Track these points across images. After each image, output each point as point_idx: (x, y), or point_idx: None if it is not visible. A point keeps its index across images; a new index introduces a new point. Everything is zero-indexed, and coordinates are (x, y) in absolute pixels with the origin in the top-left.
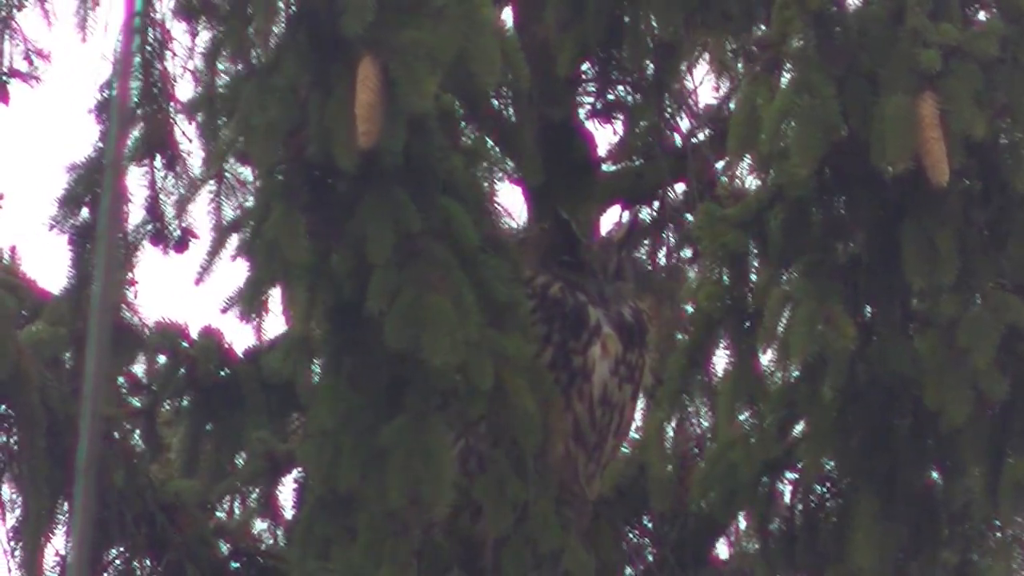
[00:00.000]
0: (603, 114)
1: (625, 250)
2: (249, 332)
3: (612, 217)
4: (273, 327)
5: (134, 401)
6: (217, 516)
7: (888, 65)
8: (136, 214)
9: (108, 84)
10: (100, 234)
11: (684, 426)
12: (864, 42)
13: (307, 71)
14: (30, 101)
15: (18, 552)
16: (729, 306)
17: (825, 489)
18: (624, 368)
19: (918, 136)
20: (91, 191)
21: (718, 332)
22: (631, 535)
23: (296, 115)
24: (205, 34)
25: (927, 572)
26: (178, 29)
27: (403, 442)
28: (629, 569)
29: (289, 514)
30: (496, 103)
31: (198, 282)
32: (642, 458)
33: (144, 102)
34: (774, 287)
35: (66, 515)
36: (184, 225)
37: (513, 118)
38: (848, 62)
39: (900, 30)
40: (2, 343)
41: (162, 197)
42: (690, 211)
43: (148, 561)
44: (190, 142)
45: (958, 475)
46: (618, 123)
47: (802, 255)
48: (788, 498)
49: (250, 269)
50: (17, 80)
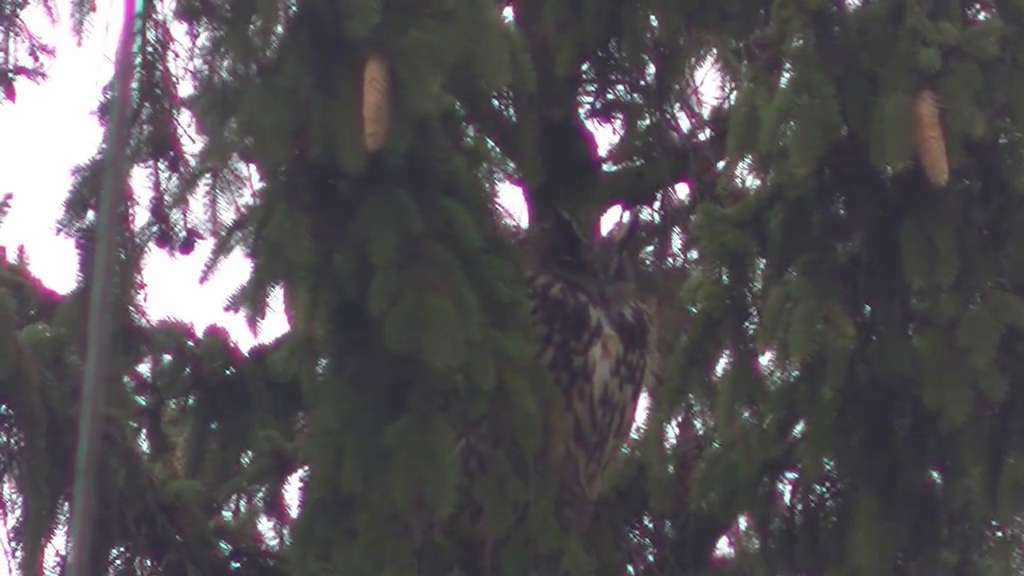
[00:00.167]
0: (602, 113)
1: (626, 250)
2: (249, 330)
3: (613, 217)
4: (273, 327)
5: (140, 400)
6: (223, 515)
7: (887, 64)
8: (141, 216)
9: (110, 85)
10: (100, 235)
11: (689, 426)
12: (863, 41)
13: (310, 72)
14: (37, 97)
15: (18, 552)
16: (728, 306)
17: (825, 489)
18: (625, 368)
19: (917, 135)
20: (96, 194)
21: (718, 332)
22: (632, 535)
23: (299, 116)
24: (207, 35)
25: (926, 572)
26: (179, 30)
27: (407, 443)
28: (630, 569)
29: (295, 513)
30: (496, 103)
31: (203, 281)
32: (642, 458)
33: (146, 103)
34: (773, 287)
35: (66, 515)
36: (189, 226)
37: (514, 118)
38: (847, 61)
39: (899, 29)
40: (2, 343)
41: (166, 199)
42: (694, 212)
43: (148, 561)
44: (193, 143)
45: (958, 475)
46: (618, 122)
47: (801, 255)
48: (788, 498)
49: (253, 269)
50: (23, 77)
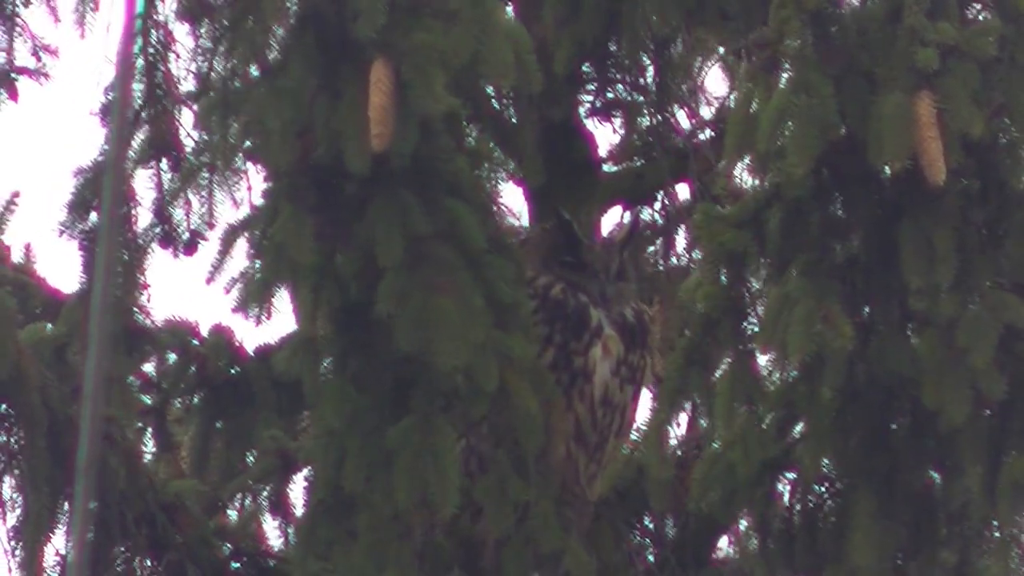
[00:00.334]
0: (602, 112)
1: (627, 251)
2: (255, 329)
3: (613, 218)
4: (273, 327)
5: (145, 399)
6: (228, 515)
7: (886, 64)
8: (144, 217)
9: (111, 86)
10: (100, 235)
11: (695, 426)
12: (862, 41)
13: (314, 74)
14: (40, 98)
15: (18, 552)
16: (727, 306)
17: (824, 489)
18: (625, 369)
19: (915, 135)
20: (98, 195)
21: (717, 332)
22: (632, 535)
23: (304, 117)
24: (208, 35)
25: (925, 572)
26: (181, 31)
27: (410, 443)
28: (630, 569)
29: (300, 512)
30: (497, 104)
31: (209, 282)
32: (641, 459)
33: (148, 104)
34: (772, 287)
35: (66, 515)
36: (192, 227)
37: (514, 119)
38: (845, 61)
39: (898, 29)
40: (2, 343)
41: (169, 199)
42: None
43: (149, 561)
44: (196, 144)
45: (957, 475)
46: (618, 122)
47: (800, 254)
48: (787, 498)
49: (258, 270)
50: (25, 77)
